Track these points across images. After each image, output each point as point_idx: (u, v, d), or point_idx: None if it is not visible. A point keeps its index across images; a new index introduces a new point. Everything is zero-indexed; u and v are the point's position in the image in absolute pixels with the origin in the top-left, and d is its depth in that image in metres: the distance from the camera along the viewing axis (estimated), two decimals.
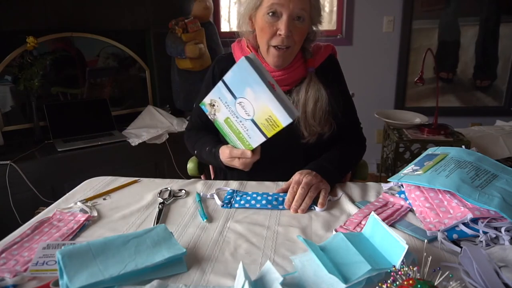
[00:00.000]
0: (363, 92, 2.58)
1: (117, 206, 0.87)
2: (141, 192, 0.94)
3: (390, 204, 0.83)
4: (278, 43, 0.97)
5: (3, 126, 2.00)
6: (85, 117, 2.22)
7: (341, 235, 0.66)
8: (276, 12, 0.95)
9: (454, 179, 0.74)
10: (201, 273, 0.62)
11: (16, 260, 0.65)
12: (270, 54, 1.01)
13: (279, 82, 1.05)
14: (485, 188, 0.72)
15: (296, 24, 0.96)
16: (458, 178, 0.74)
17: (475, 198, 0.70)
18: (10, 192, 1.75)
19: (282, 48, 0.98)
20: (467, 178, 0.74)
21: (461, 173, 0.76)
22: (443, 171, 0.78)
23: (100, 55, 2.34)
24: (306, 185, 0.85)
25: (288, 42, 0.97)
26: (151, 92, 2.58)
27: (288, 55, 1.00)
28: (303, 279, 0.58)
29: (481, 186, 0.73)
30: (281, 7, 0.94)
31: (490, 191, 0.71)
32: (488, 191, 0.71)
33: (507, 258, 0.60)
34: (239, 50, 1.10)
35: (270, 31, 0.97)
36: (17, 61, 1.97)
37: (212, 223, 0.79)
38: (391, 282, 0.50)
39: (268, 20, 0.96)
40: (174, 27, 2.33)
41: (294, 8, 0.94)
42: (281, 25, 0.95)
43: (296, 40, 0.98)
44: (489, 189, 0.72)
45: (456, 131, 2.07)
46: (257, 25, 1.01)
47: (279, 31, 0.96)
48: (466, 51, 2.74)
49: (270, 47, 1.00)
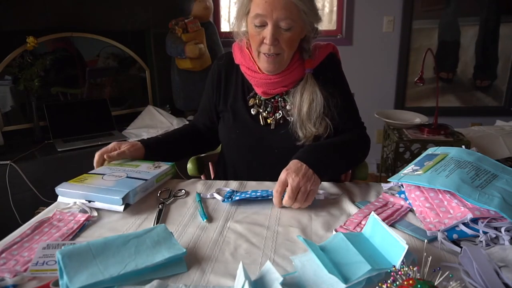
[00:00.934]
0: (363, 92, 2.58)
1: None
2: None
3: (390, 204, 0.83)
4: (265, 51, 0.98)
5: (3, 126, 2.00)
6: (85, 117, 2.22)
7: (341, 235, 0.66)
8: (261, 20, 0.95)
9: (454, 179, 0.74)
10: (201, 273, 0.62)
11: (16, 260, 0.65)
12: (260, 60, 1.02)
13: (276, 84, 1.05)
14: (485, 188, 0.72)
15: (282, 32, 0.96)
16: (458, 178, 0.74)
17: (475, 198, 0.70)
18: (10, 192, 1.75)
19: (271, 55, 0.98)
20: (467, 178, 0.75)
21: (461, 173, 0.76)
22: (443, 171, 0.78)
23: (100, 55, 2.34)
24: (292, 193, 0.81)
25: (275, 50, 0.97)
26: (151, 92, 2.58)
27: (279, 61, 1.00)
28: (303, 279, 0.58)
29: (481, 186, 0.73)
30: (265, 17, 0.94)
31: (490, 191, 0.71)
32: (488, 191, 0.72)
33: (507, 258, 0.60)
34: (239, 50, 1.10)
35: (257, 39, 0.98)
36: (17, 61, 1.97)
37: (212, 223, 0.79)
38: (391, 282, 0.50)
39: (254, 29, 0.98)
40: (174, 27, 2.33)
41: (278, 18, 0.94)
42: (267, 35, 0.95)
43: (285, 47, 0.98)
44: (489, 189, 0.72)
45: (456, 131, 2.07)
46: (248, 30, 1.02)
47: (265, 40, 0.96)
48: (466, 51, 2.74)
49: (260, 53, 1.00)
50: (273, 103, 1.09)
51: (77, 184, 0.88)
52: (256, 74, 1.06)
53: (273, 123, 1.08)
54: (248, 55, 1.07)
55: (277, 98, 1.09)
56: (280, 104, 1.09)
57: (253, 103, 1.10)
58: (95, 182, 0.89)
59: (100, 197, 0.83)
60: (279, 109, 1.08)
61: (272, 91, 1.07)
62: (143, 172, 0.95)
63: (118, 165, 1.00)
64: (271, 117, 1.08)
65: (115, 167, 0.99)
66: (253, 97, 1.10)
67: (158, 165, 1.00)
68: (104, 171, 0.96)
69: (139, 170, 0.96)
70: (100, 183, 0.88)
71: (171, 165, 1.01)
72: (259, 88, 1.08)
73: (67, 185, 0.88)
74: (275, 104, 1.09)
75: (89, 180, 0.90)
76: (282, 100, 1.09)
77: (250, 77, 1.08)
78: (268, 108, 1.09)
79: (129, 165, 1.01)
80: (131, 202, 0.85)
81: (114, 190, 0.84)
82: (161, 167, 0.99)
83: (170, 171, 1.01)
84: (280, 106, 1.09)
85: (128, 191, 0.83)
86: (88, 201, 0.84)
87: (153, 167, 0.98)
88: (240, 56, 1.09)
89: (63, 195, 0.88)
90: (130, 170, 0.96)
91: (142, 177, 0.91)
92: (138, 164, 1.01)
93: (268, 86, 1.06)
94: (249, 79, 1.09)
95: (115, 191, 0.83)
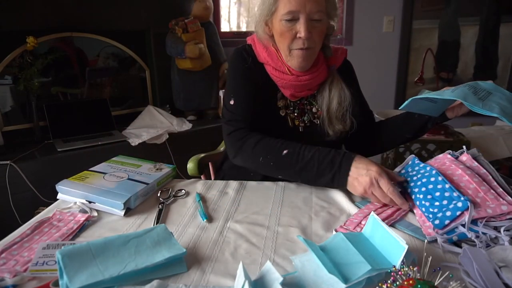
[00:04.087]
0: (363, 92, 2.57)
1: None
2: None
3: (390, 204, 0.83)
4: (299, 46, 0.96)
5: (3, 126, 2.00)
6: (85, 117, 2.22)
7: (341, 235, 0.66)
8: (294, 16, 0.94)
9: (459, 92, 0.82)
10: (201, 273, 0.62)
11: (16, 260, 0.65)
12: (294, 57, 0.99)
13: (304, 86, 1.03)
14: (485, 101, 0.80)
15: (314, 24, 0.96)
16: (463, 92, 0.82)
17: (480, 106, 0.77)
18: (10, 192, 1.75)
19: (305, 50, 0.97)
20: (469, 92, 0.82)
21: (463, 89, 0.83)
22: (447, 91, 0.86)
23: (100, 55, 2.34)
24: (383, 197, 0.81)
25: (309, 44, 0.96)
26: (151, 92, 2.58)
27: (310, 55, 1.00)
28: (303, 279, 0.58)
29: (481, 98, 0.81)
30: (298, 11, 0.94)
31: (489, 103, 0.79)
32: (488, 103, 0.79)
33: (507, 258, 0.60)
34: (263, 49, 1.04)
35: (289, 35, 0.96)
36: (17, 61, 1.97)
37: (212, 223, 0.79)
38: (391, 282, 0.50)
39: (285, 25, 0.96)
40: (174, 27, 2.34)
41: (311, 10, 0.93)
42: (301, 28, 0.94)
43: (317, 40, 0.98)
44: (488, 101, 0.80)
45: (456, 131, 2.07)
46: (275, 30, 1.00)
47: (299, 34, 0.95)
48: (466, 51, 2.74)
49: (292, 51, 0.98)
50: (299, 105, 1.08)
51: (78, 183, 0.88)
52: (284, 75, 1.02)
53: (302, 125, 1.07)
54: (275, 55, 1.03)
55: (303, 101, 1.08)
56: (306, 107, 1.08)
57: (282, 104, 1.06)
58: (96, 182, 0.89)
59: (101, 199, 0.83)
60: (305, 112, 1.08)
61: (299, 94, 1.05)
62: (145, 174, 0.95)
63: (119, 164, 1.00)
64: (298, 119, 1.07)
65: (116, 165, 0.99)
66: (282, 98, 1.07)
67: (160, 167, 1.00)
68: (105, 170, 0.96)
69: (140, 172, 0.96)
70: (101, 184, 0.88)
71: (172, 168, 1.01)
72: (286, 90, 1.04)
73: (68, 183, 0.88)
74: (301, 106, 1.08)
75: (90, 179, 0.90)
76: (308, 103, 1.08)
77: (277, 78, 1.03)
78: (296, 110, 1.07)
79: (130, 164, 1.01)
80: (132, 207, 0.85)
81: (115, 193, 0.84)
82: (162, 169, 0.99)
83: (171, 174, 1.01)
84: (306, 109, 1.08)
85: (130, 196, 0.83)
86: (89, 202, 0.84)
87: (154, 169, 0.98)
88: (266, 55, 1.04)
89: (64, 193, 0.88)
90: (131, 170, 0.96)
91: (144, 181, 0.91)
92: (139, 164, 1.01)
93: (296, 89, 1.03)
94: (276, 80, 1.04)
95: (116, 194, 0.83)
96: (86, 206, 0.84)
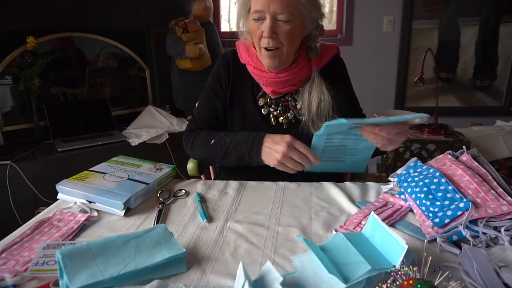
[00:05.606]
0: (363, 92, 2.55)
1: None
2: None
3: (390, 204, 0.83)
4: (265, 45, 0.98)
5: (3, 126, 2.00)
6: (85, 117, 2.21)
7: (341, 235, 0.66)
8: (260, 16, 0.96)
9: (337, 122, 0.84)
10: (201, 273, 0.62)
11: (16, 260, 0.65)
12: (262, 56, 1.02)
13: (285, 83, 1.05)
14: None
15: (280, 24, 0.96)
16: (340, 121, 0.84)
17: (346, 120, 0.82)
18: (10, 192, 1.75)
19: (271, 49, 0.98)
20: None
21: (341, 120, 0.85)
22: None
23: (100, 55, 2.34)
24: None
25: (274, 44, 0.97)
26: (151, 92, 2.58)
27: (279, 56, 1.00)
28: (303, 279, 0.58)
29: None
30: (263, 11, 0.95)
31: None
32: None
33: (507, 258, 0.60)
34: (245, 49, 1.09)
35: (257, 34, 0.99)
36: (17, 61, 1.97)
37: (212, 223, 0.79)
38: (391, 282, 0.50)
39: (254, 24, 0.99)
40: (174, 27, 2.33)
41: (276, 11, 0.94)
42: (265, 27, 0.96)
43: (284, 41, 0.98)
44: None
45: (456, 131, 2.07)
46: (250, 27, 1.02)
47: (264, 33, 0.97)
48: (466, 51, 2.74)
49: (261, 49, 1.01)
50: (283, 102, 1.09)
51: (78, 183, 0.88)
52: (264, 73, 1.05)
53: (285, 122, 1.08)
54: (255, 54, 1.06)
55: (287, 97, 1.09)
56: (291, 104, 1.09)
57: (263, 102, 1.09)
58: (96, 182, 0.89)
59: (101, 199, 0.83)
60: (290, 109, 1.09)
61: (281, 90, 1.06)
62: (145, 174, 0.95)
63: (119, 164, 1.00)
64: (282, 116, 1.08)
65: (116, 165, 0.99)
66: (263, 96, 1.09)
67: (160, 167, 1.00)
68: (105, 170, 0.96)
69: (140, 172, 0.96)
70: (101, 184, 0.88)
71: (172, 168, 1.01)
72: (268, 87, 1.07)
73: (68, 183, 0.88)
74: (285, 103, 1.09)
75: (90, 179, 0.90)
76: (292, 99, 1.09)
77: (258, 76, 1.07)
78: (279, 107, 1.09)
79: (130, 164, 1.01)
80: (132, 207, 0.85)
81: (115, 193, 0.84)
82: (162, 169, 0.99)
83: (171, 174, 1.01)
84: (290, 106, 1.09)
85: (130, 195, 0.83)
86: (89, 202, 0.85)
87: (154, 169, 0.98)
88: (247, 55, 1.08)
89: (64, 193, 0.88)
90: (131, 170, 0.96)
91: (144, 181, 0.91)
92: (139, 164, 1.01)
93: (277, 85, 1.05)
94: (257, 79, 1.08)
95: (116, 194, 0.83)
96: (86, 206, 0.84)
